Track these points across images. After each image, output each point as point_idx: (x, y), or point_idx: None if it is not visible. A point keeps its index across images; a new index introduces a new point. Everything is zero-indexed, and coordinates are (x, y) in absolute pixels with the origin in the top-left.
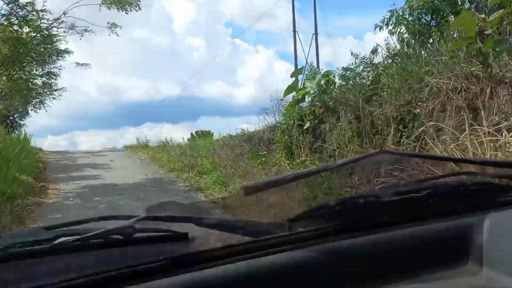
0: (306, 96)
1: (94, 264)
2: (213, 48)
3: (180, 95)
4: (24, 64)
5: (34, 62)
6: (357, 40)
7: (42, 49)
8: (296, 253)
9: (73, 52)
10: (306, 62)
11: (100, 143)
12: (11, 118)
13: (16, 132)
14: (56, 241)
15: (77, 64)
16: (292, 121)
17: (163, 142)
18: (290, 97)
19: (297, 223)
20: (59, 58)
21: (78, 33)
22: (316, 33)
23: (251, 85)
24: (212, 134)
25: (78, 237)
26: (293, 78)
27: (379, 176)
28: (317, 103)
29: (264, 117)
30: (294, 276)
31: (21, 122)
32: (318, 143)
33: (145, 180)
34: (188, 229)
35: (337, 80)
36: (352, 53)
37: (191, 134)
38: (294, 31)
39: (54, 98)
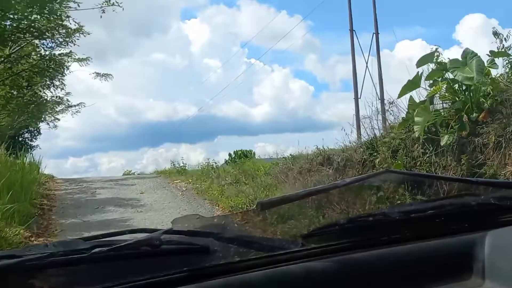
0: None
1: (125, 273)
2: (229, 69)
3: (198, 115)
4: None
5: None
6: (372, 57)
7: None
8: (308, 264)
9: (91, 60)
10: (366, 65)
11: (120, 164)
12: (19, 138)
13: (27, 155)
14: (93, 251)
15: (97, 74)
16: (417, 132)
17: (206, 166)
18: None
19: (310, 239)
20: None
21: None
22: (376, 32)
23: (267, 104)
24: (254, 154)
25: (111, 247)
26: (419, 71)
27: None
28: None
29: (349, 131)
30: (307, 286)
31: (33, 143)
32: (473, 166)
33: None
34: (209, 242)
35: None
36: (495, 33)
37: (229, 154)
38: (352, 30)
39: (72, 114)
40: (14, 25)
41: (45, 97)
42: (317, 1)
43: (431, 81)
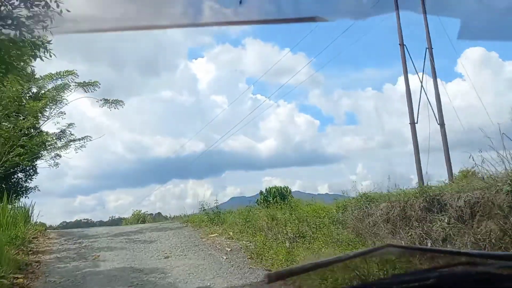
0: None
1: None
2: (236, 105)
3: (204, 151)
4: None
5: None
6: (376, 91)
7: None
8: None
9: (98, 86)
10: (422, 86)
11: (128, 202)
12: (11, 180)
13: (19, 198)
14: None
15: (106, 101)
16: None
17: (243, 210)
18: None
19: None
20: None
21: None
22: (430, 47)
23: (273, 138)
24: (290, 192)
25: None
26: None
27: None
28: None
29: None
30: None
31: (28, 185)
32: None
33: None
34: None
35: None
36: None
37: (261, 192)
38: (402, 44)
39: (76, 149)
40: None
41: (43, 130)
42: (320, 39)
43: None
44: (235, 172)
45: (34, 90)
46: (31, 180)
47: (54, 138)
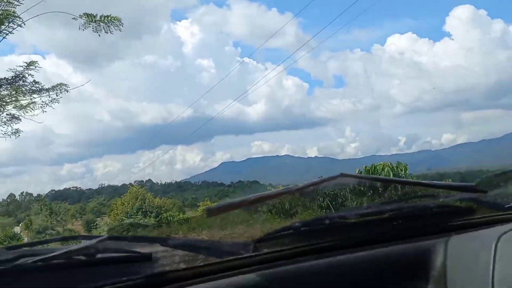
0: None
1: (55, 286)
2: (222, 68)
3: (192, 116)
4: None
5: None
6: (365, 52)
7: None
8: (261, 275)
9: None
10: None
11: (116, 169)
12: None
13: None
14: (17, 262)
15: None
16: None
17: None
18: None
19: (263, 243)
20: None
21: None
22: None
23: (262, 102)
24: (406, 168)
25: (39, 257)
26: None
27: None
28: None
29: None
30: None
31: None
32: None
33: None
34: (152, 250)
35: None
36: None
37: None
38: None
39: (44, 107)
40: None
41: None
42: None
43: None
44: (224, 137)
45: None
46: None
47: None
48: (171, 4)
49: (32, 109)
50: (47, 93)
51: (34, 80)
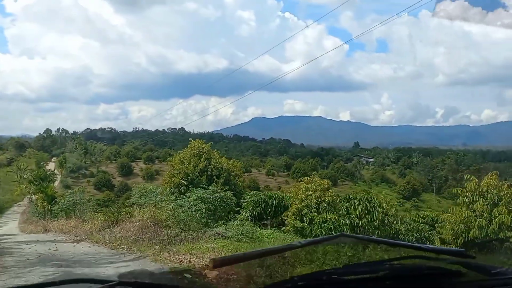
0: None
1: None
2: (263, 22)
3: (228, 69)
4: None
5: None
6: (412, 17)
7: None
8: None
9: None
10: None
11: (150, 113)
12: None
13: None
14: None
15: None
16: None
17: None
18: None
19: None
20: None
21: None
22: None
23: (299, 60)
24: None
25: None
26: None
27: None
28: None
29: None
30: None
31: None
32: None
33: None
34: None
35: None
36: None
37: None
38: None
39: None
40: None
41: None
42: None
43: None
44: (257, 92)
45: None
46: None
47: None
48: None
49: None
50: None
51: None
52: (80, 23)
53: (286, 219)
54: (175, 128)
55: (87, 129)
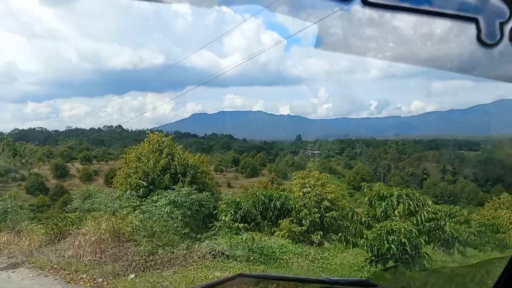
0: None
1: None
2: (199, 16)
3: (164, 64)
4: None
5: None
6: (345, 12)
7: None
8: None
9: None
10: None
11: (83, 111)
12: None
13: None
14: None
15: None
16: None
17: None
18: None
19: None
20: None
21: None
22: None
23: (238, 55)
24: None
25: None
26: None
27: None
28: None
29: None
30: None
31: None
32: None
33: None
34: None
35: None
36: None
37: None
38: None
39: None
40: None
41: None
42: None
43: None
44: (197, 88)
45: None
46: None
47: None
48: None
49: None
50: None
51: None
52: (1, 17)
53: (280, 222)
54: (111, 126)
55: (15, 129)
